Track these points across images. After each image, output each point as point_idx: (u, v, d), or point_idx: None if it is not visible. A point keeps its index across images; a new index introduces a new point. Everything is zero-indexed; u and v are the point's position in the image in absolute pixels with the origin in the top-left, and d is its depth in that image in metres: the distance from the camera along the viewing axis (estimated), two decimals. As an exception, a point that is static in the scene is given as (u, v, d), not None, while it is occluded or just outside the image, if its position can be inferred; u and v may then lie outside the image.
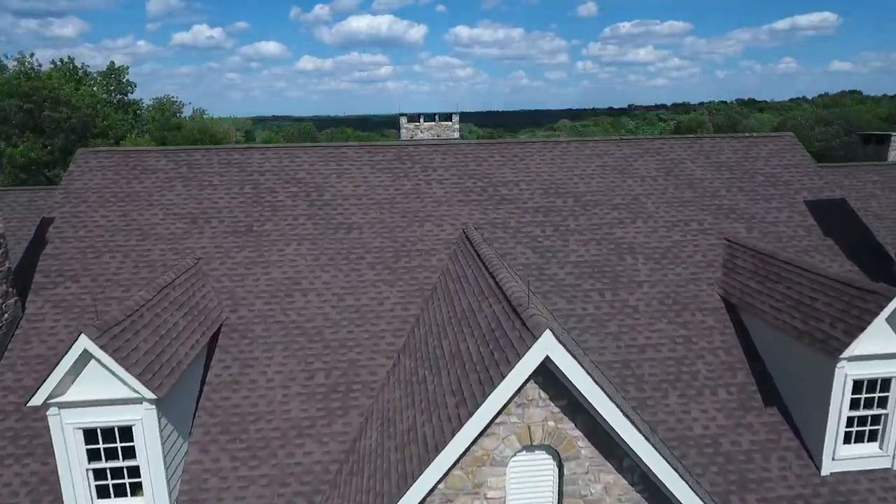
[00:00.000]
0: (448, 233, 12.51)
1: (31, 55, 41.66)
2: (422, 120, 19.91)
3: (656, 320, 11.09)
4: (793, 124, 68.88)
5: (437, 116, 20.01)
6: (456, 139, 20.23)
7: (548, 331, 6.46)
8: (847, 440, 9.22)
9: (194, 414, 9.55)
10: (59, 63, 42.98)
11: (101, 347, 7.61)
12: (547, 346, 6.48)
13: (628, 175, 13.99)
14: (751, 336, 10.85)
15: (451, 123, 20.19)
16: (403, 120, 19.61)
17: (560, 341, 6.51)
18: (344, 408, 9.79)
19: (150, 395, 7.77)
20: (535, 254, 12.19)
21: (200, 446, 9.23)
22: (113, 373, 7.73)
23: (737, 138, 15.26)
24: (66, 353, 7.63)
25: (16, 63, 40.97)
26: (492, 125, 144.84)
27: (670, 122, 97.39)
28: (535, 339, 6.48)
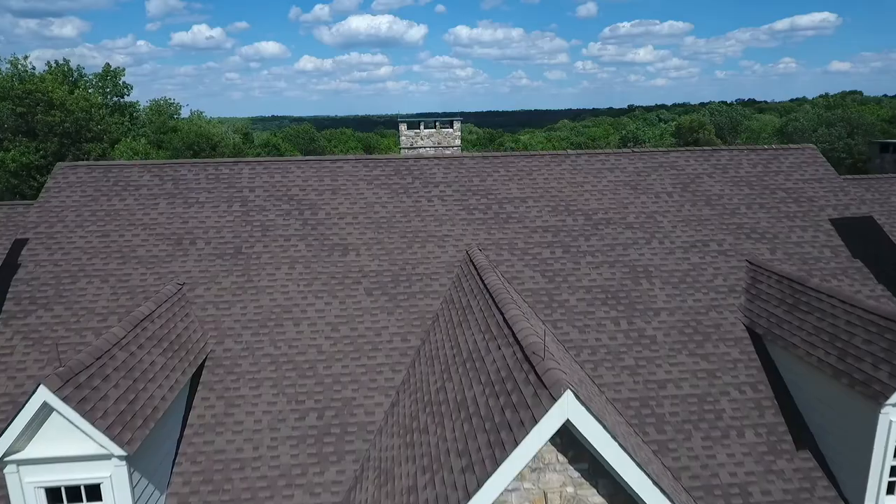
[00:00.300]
0: (451, 255, 11.69)
1: (25, 57, 40.87)
2: (422, 127, 19.12)
3: (676, 352, 10.26)
4: (795, 126, 68.02)
5: (437, 123, 19.21)
6: (457, 146, 19.46)
7: (568, 391, 5.64)
8: (890, 491, 8.39)
9: (174, 461, 8.72)
10: (53, 65, 42.14)
11: (64, 399, 6.79)
12: (567, 410, 5.65)
13: (642, 191, 13.16)
14: (779, 370, 10.04)
15: (451, 130, 19.40)
16: (403, 127, 18.81)
17: (582, 402, 5.68)
18: (338, 453, 8.96)
19: (119, 451, 6.95)
20: (543, 277, 11.37)
21: (179, 498, 8.39)
22: (77, 427, 6.91)
23: (755, 151, 14.43)
24: (23, 406, 6.81)
25: (8, 66, 40.18)
26: (492, 125, 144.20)
27: (671, 123, 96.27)
28: (554, 399, 5.66)
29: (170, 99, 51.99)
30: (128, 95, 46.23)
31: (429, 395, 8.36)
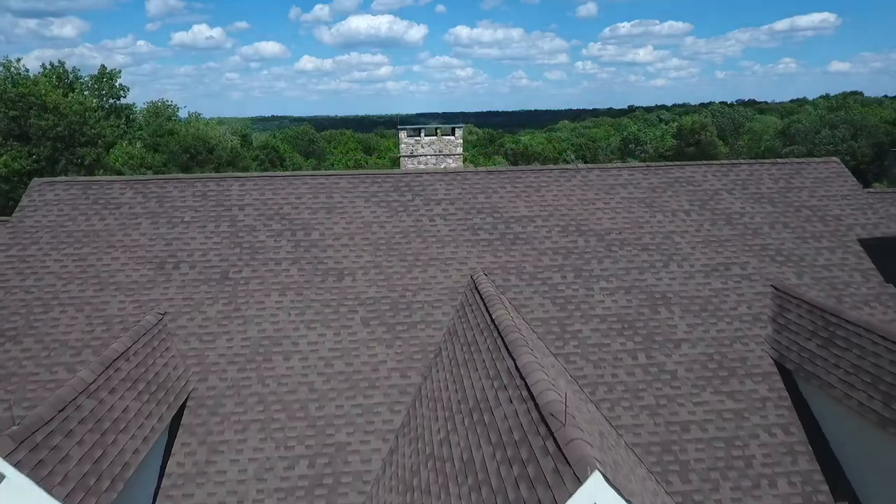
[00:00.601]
0: (454, 279, 10.86)
1: (18, 60, 39.99)
2: (422, 134, 18.38)
3: (700, 389, 9.45)
4: (797, 128, 67.06)
5: (437, 130, 18.49)
6: (459, 154, 18.72)
7: (596, 471, 4.82)
8: (942, 553, 7.59)
9: (149, 517, 7.91)
10: (48, 67, 41.27)
11: (16, 465, 5.95)
12: (595, 494, 4.83)
13: (657, 209, 12.33)
14: (812, 410, 9.22)
15: (453, 138, 18.65)
16: (403, 134, 18.07)
17: (611, 484, 4.86)
18: (330, 507, 8.14)
19: (80, 522, 6.13)
20: (554, 305, 10.54)
21: (154, 562, 7.59)
22: (32, 496, 6.08)
23: (776, 165, 13.60)
24: (-30, 473, 5.97)
25: (1, 68, 39.30)
26: (492, 125, 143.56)
27: (672, 124, 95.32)
28: (580, 481, 4.83)
29: (167, 101, 51.08)
30: (124, 97, 45.35)
31: (431, 446, 7.54)
